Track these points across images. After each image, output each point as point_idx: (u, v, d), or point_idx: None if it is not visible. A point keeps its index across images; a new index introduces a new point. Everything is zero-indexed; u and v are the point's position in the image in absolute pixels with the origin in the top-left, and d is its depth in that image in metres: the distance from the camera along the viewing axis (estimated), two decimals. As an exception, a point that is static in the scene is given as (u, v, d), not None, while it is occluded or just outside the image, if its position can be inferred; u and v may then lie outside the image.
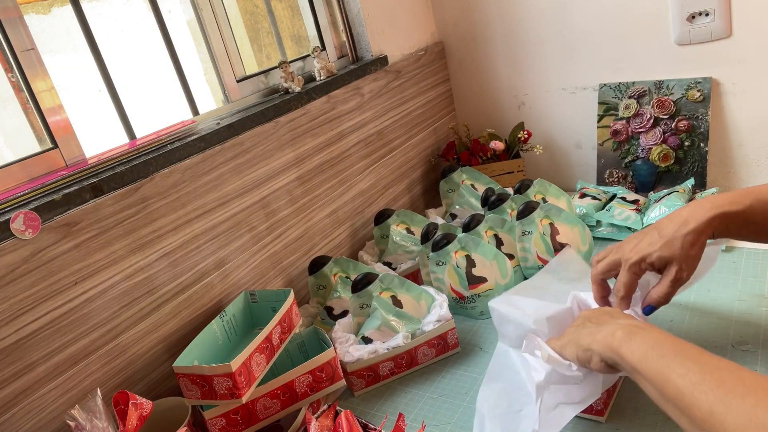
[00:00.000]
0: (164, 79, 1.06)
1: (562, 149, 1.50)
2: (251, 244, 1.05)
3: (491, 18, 1.47)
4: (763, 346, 0.81)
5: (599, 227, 1.21)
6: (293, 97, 1.13)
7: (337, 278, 1.07)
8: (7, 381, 0.72)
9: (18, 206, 0.76)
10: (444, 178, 1.39)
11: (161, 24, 1.03)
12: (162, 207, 0.89)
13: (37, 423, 0.76)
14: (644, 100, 1.31)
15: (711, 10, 1.18)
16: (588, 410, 0.75)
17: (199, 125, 1.04)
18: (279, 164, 1.10)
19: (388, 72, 1.38)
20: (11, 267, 0.72)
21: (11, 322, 0.72)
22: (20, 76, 0.83)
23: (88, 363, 0.81)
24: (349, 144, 1.27)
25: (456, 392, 0.87)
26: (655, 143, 1.29)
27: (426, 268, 1.09)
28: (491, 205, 1.17)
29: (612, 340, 0.60)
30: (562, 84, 1.44)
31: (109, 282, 0.83)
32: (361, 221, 1.32)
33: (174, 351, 0.91)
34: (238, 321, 0.95)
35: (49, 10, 0.92)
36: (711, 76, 1.23)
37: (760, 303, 0.90)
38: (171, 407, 0.80)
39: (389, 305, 0.96)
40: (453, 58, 1.59)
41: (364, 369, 0.90)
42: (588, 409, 0.74)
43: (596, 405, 0.74)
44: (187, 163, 0.93)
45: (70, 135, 0.88)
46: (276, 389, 0.81)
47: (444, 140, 1.59)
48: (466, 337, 1.00)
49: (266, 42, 1.29)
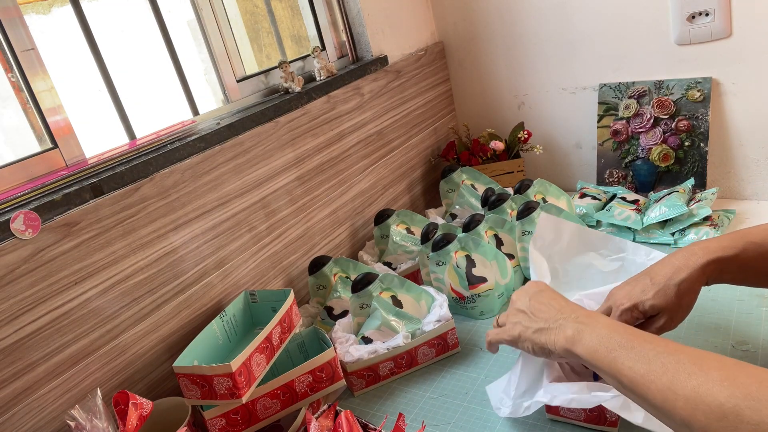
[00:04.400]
0: (164, 79, 1.06)
1: (562, 149, 1.50)
2: (251, 244, 1.05)
3: (491, 18, 1.47)
4: (763, 346, 0.81)
5: (599, 227, 1.21)
6: (293, 97, 1.13)
7: (337, 278, 1.07)
8: (7, 381, 0.72)
9: (18, 206, 0.76)
10: (444, 178, 1.39)
11: (161, 24, 1.03)
12: (162, 207, 0.89)
13: (37, 423, 0.76)
14: (644, 100, 1.31)
15: (711, 10, 1.18)
16: (601, 421, 0.74)
17: (199, 125, 1.04)
18: (279, 164, 1.10)
19: (388, 72, 1.38)
20: (11, 267, 0.72)
21: (11, 322, 0.72)
22: (20, 76, 0.83)
23: (88, 363, 0.81)
24: (349, 144, 1.27)
25: (456, 392, 0.87)
26: (655, 143, 1.29)
27: (426, 268, 1.09)
28: (491, 205, 1.17)
29: (564, 342, 0.62)
30: (562, 84, 1.44)
31: (109, 282, 0.83)
32: (361, 221, 1.32)
33: (174, 351, 0.91)
34: (238, 321, 0.95)
35: (49, 10, 0.92)
36: (711, 76, 1.23)
37: (760, 303, 0.90)
38: (171, 407, 0.80)
39: (389, 305, 0.96)
40: (453, 58, 1.59)
41: (364, 369, 0.90)
42: (601, 420, 0.74)
43: (610, 416, 0.73)
44: (187, 163, 0.93)
45: (70, 135, 0.88)
46: (276, 389, 0.81)
47: (444, 140, 1.59)
48: (466, 337, 1.00)
49: (266, 42, 1.29)
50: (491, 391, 0.83)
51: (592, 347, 0.59)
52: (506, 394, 0.78)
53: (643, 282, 0.71)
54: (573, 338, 0.62)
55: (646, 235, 1.14)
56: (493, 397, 0.82)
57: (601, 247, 0.89)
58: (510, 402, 0.77)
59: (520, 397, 0.75)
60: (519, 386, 0.76)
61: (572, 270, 0.86)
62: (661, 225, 1.14)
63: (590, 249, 0.90)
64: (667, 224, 1.13)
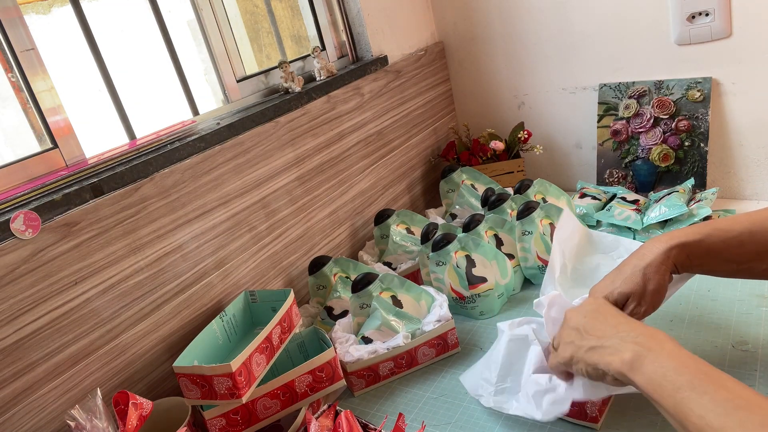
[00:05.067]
0: (164, 79, 1.06)
1: (562, 149, 1.50)
2: (251, 244, 1.05)
3: (491, 18, 1.47)
4: (763, 346, 0.81)
5: (599, 227, 1.21)
6: (293, 97, 1.13)
7: (337, 278, 1.07)
8: (7, 381, 0.72)
9: (18, 206, 0.76)
10: (444, 178, 1.39)
11: (161, 24, 1.03)
12: (162, 207, 0.89)
13: (37, 423, 0.76)
14: (644, 100, 1.31)
15: (711, 10, 1.18)
16: (582, 417, 0.74)
17: (199, 125, 1.04)
18: (279, 164, 1.10)
19: (388, 72, 1.38)
20: (11, 267, 0.72)
21: (11, 322, 0.72)
22: (20, 76, 0.83)
23: (88, 363, 0.81)
24: (349, 144, 1.27)
25: (456, 392, 0.87)
26: (655, 143, 1.29)
27: (426, 268, 1.09)
28: (491, 205, 1.17)
29: (620, 366, 0.57)
30: (562, 84, 1.44)
31: (109, 282, 0.83)
32: (361, 221, 1.32)
33: (174, 351, 0.91)
34: (238, 321, 0.95)
35: (49, 10, 0.92)
36: (711, 76, 1.23)
37: (760, 303, 0.90)
38: (171, 407, 0.80)
39: (389, 305, 0.96)
40: (453, 58, 1.59)
41: (364, 369, 0.90)
42: (582, 415, 0.74)
43: (590, 411, 0.74)
44: (187, 163, 0.93)
45: (70, 135, 0.88)
46: (276, 389, 0.81)
47: (444, 140, 1.59)
48: (466, 337, 1.00)
49: (266, 42, 1.29)
50: (466, 380, 0.84)
51: (656, 381, 0.53)
52: (486, 381, 0.79)
53: (613, 274, 0.73)
54: (632, 363, 0.56)
55: (646, 235, 1.14)
56: (469, 384, 0.83)
57: (610, 249, 0.89)
58: (492, 389, 0.78)
59: (501, 382, 0.77)
60: (501, 372, 0.77)
61: (581, 268, 0.86)
62: (661, 225, 1.14)
63: (599, 251, 0.90)
64: (667, 224, 1.13)
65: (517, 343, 0.77)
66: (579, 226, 0.91)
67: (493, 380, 0.78)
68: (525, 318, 0.81)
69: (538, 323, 0.79)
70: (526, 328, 0.78)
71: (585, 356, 0.62)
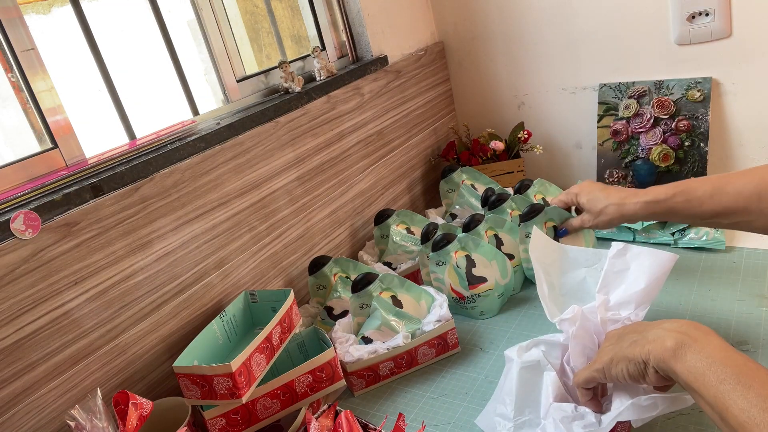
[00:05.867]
0: (164, 79, 1.06)
1: (562, 149, 1.50)
2: (251, 244, 1.05)
3: (491, 18, 1.47)
4: (763, 346, 0.81)
5: (599, 227, 1.21)
6: (293, 97, 1.13)
7: (337, 278, 1.07)
8: (7, 381, 0.72)
9: (18, 206, 0.76)
10: (444, 178, 1.39)
11: (161, 24, 1.03)
12: (162, 207, 0.89)
13: (37, 423, 0.76)
14: (644, 100, 1.31)
15: (711, 10, 1.18)
16: None
17: (199, 125, 1.04)
18: (279, 164, 1.10)
19: (388, 72, 1.38)
20: (11, 267, 0.72)
21: (11, 322, 0.72)
22: (20, 76, 0.83)
23: (88, 363, 0.81)
24: (349, 144, 1.27)
25: (456, 392, 0.87)
26: (655, 143, 1.29)
27: (426, 268, 1.09)
28: (491, 205, 1.17)
29: (663, 352, 0.56)
30: (562, 84, 1.44)
31: (109, 282, 0.83)
32: (361, 221, 1.32)
33: (174, 351, 0.91)
34: (238, 321, 0.95)
35: (49, 10, 0.92)
36: (711, 76, 1.23)
37: (760, 303, 0.90)
38: (171, 407, 0.80)
39: (389, 305, 0.96)
40: (453, 58, 1.59)
41: (364, 369, 0.90)
42: None
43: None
44: (187, 163, 0.93)
45: (70, 135, 0.88)
46: (276, 389, 0.81)
47: (444, 140, 1.59)
48: (466, 337, 1.00)
49: (266, 42, 1.29)
50: (481, 422, 0.79)
51: (699, 370, 0.52)
52: (503, 417, 0.74)
53: None
54: (674, 351, 0.55)
55: (646, 235, 1.14)
56: (485, 425, 0.78)
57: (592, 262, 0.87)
58: (511, 424, 0.72)
59: (519, 416, 0.72)
60: (518, 404, 0.72)
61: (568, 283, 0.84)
62: (661, 225, 1.14)
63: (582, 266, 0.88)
64: (667, 224, 1.13)
65: (529, 370, 0.72)
66: (551, 244, 0.89)
67: (510, 415, 0.72)
68: (532, 341, 0.76)
69: (547, 343, 0.75)
70: (535, 353, 0.74)
71: (626, 352, 0.60)
